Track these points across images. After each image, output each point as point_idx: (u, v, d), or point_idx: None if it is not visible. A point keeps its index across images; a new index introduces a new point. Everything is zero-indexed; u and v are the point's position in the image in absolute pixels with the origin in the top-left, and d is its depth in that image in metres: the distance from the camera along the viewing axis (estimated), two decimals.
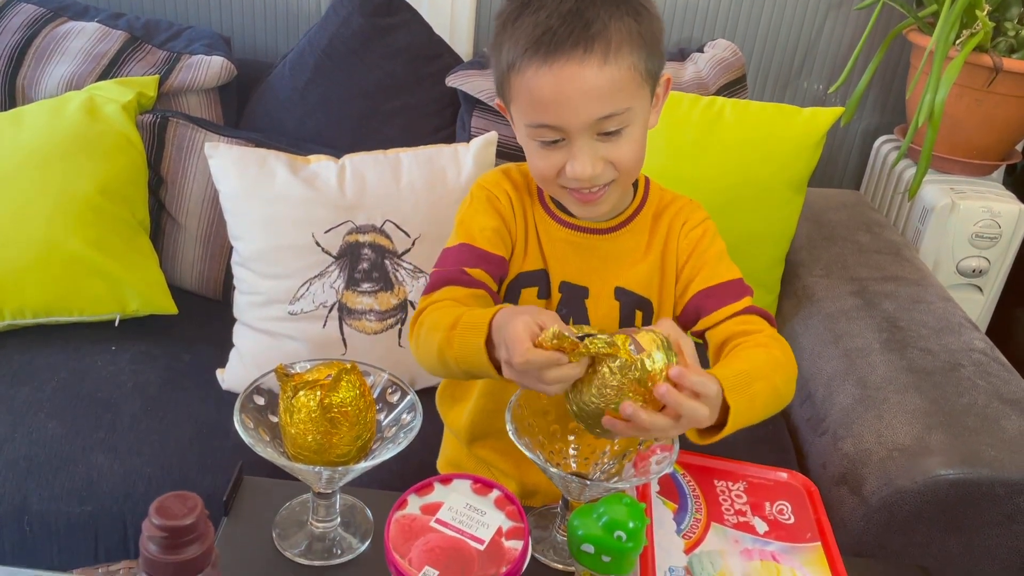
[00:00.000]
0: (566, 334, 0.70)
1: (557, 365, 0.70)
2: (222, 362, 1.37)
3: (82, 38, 1.58)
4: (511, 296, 0.96)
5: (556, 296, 0.96)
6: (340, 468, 0.73)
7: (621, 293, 0.95)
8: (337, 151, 1.43)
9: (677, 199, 0.99)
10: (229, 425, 0.77)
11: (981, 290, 1.70)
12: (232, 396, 1.32)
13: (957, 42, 1.57)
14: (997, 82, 1.58)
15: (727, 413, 0.75)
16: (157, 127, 1.49)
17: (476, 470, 1.05)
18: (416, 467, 1.06)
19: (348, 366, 0.74)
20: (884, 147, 1.86)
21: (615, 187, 0.88)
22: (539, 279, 0.96)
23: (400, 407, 0.80)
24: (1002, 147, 1.71)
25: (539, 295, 0.96)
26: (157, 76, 1.54)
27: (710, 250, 0.94)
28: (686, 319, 0.95)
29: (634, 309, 0.95)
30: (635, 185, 0.96)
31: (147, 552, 0.51)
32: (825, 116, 1.46)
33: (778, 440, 1.34)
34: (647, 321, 0.96)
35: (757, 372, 0.81)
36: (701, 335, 0.94)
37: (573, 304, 0.95)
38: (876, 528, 1.12)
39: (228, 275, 1.48)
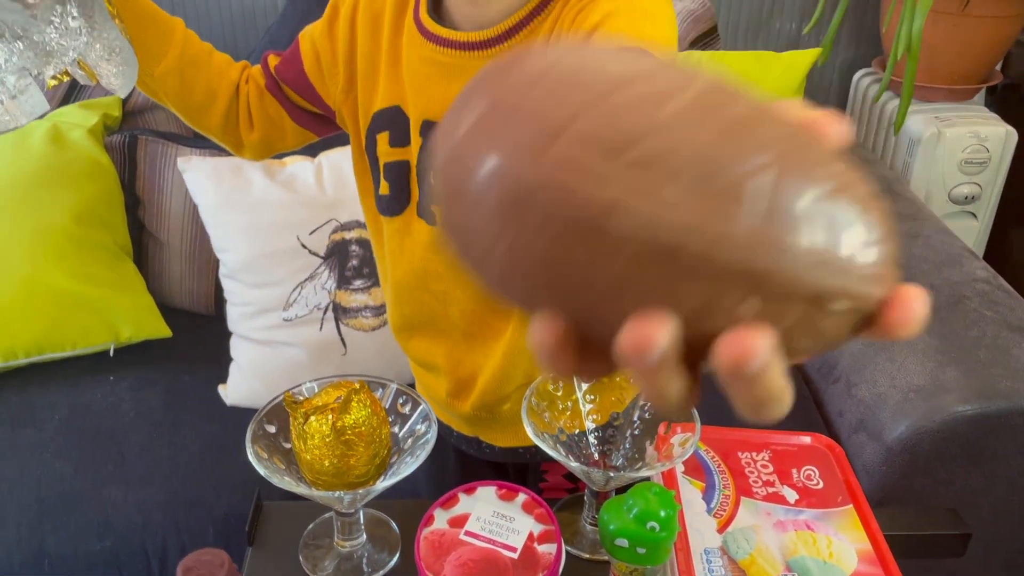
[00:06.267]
0: None
1: None
2: (223, 378, 1.35)
3: None
4: (370, 145, 0.76)
5: (416, 142, 0.72)
6: (361, 491, 0.71)
7: None
8: (311, 149, 1.40)
9: None
10: (238, 441, 0.75)
11: (975, 216, 1.69)
12: (237, 411, 1.30)
13: None
14: (972, 4, 1.55)
15: None
16: (127, 147, 1.45)
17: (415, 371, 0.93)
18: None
19: (357, 385, 0.73)
20: (863, 81, 1.84)
21: None
22: (393, 119, 0.73)
23: (413, 418, 0.78)
24: (982, 69, 1.69)
25: (392, 142, 0.74)
26: None
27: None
28: None
29: None
30: None
31: None
32: (803, 59, 1.43)
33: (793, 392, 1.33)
34: None
35: None
36: None
37: None
38: (898, 471, 1.12)
39: (218, 288, 1.45)
